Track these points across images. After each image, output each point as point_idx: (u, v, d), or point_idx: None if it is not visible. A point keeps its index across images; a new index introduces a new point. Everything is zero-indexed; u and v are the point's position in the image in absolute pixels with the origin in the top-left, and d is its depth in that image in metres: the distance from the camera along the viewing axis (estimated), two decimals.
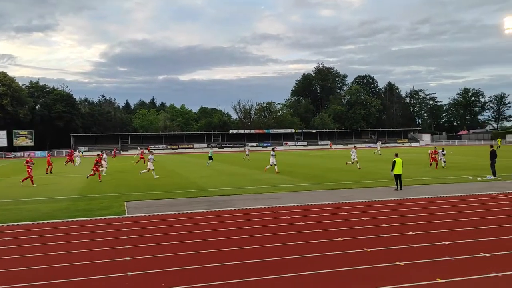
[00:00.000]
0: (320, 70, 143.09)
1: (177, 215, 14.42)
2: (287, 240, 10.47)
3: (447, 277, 7.48)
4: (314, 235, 10.97)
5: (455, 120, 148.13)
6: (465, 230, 11.15)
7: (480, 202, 15.69)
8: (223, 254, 9.39)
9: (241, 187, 21.73)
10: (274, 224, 12.52)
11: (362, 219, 12.83)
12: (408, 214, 13.56)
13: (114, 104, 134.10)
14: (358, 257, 8.88)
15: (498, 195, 17.30)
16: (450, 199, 16.66)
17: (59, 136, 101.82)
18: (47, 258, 9.36)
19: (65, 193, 21.05)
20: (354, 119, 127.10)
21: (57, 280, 7.87)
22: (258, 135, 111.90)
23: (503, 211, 13.88)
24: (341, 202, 16.34)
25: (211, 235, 11.25)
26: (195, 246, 10.10)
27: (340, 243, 10.10)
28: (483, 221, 12.23)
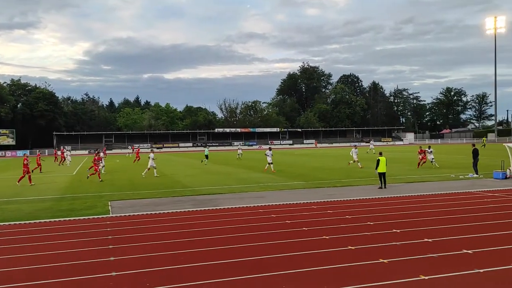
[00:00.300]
0: (306, 69, 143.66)
1: (162, 214, 14.33)
2: (273, 238, 10.49)
3: (430, 274, 7.58)
4: (300, 233, 11.01)
5: (438, 119, 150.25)
6: (448, 227, 11.32)
7: (462, 200, 15.94)
8: (208, 253, 9.36)
9: (226, 186, 21.69)
10: (259, 223, 12.53)
11: (346, 217, 12.93)
12: (392, 212, 13.70)
13: (98, 103, 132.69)
14: (342, 255, 8.94)
15: (479, 193, 17.60)
16: (433, 197, 16.89)
17: (41, 135, 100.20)
18: (30, 259, 9.21)
19: (48, 193, 20.74)
20: (339, 118, 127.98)
21: (40, 281, 7.75)
22: (244, 134, 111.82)
23: (484, 208, 14.13)
24: (326, 200, 16.43)
25: (196, 234, 11.21)
26: (180, 246, 10.04)
27: (325, 241, 10.15)
28: (465, 219, 12.43)
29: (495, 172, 22.82)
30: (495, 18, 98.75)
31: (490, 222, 11.91)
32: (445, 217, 12.75)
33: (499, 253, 8.91)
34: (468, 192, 17.96)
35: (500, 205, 14.69)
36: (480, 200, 15.92)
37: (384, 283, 7.20)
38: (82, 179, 27.45)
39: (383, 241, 9.93)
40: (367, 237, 10.39)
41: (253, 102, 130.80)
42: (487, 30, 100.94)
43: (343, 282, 7.35)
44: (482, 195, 17.11)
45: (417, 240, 9.98)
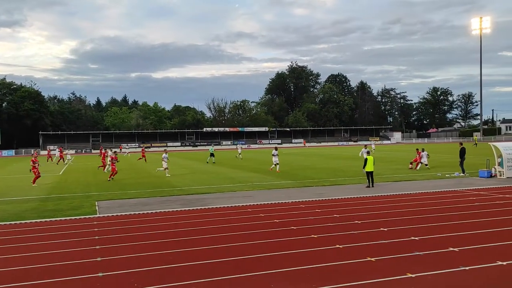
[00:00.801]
0: (294, 68, 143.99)
1: (150, 214, 14.24)
2: (261, 238, 10.49)
3: (416, 271, 7.65)
4: (288, 232, 11.03)
5: (424, 118, 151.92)
6: (434, 225, 11.44)
7: (448, 198, 16.12)
8: (196, 253, 9.33)
9: (214, 186, 21.64)
10: (248, 222, 12.53)
11: (335, 216, 12.99)
12: (379, 211, 13.81)
13: (85, 102, 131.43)
14: (331, 254, 8.98)
15: (465, 191, 17.82)
16: (420, 195, 17.05)
17: (27, 135, 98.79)
18: (15, 260, 9.08)
19: (34, 193, 20.48)
20: (327, 117, 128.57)
21: (26, 282, 7.64)
22: (232, 133, 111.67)
23: (470, 207, 14.32)
24: (314, 199, 16.49)
25: (184, 234, 11.17)
26: (168, 246, 9.99)
27: (313, 240, 10.19)
28: (451, 217, 12.57)
29: (481, 171, 23.13)
30: (481, 18, 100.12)
31: (476, 220, 12.07)
32: (432, 215, 12.88)
33: (484, 250, 9.03)
34: (454, 190, 18.18)
35: (485, 203, 14.89)
36: (466, 198, 16.12)
37: (371, 281, 7.25)
38: (66, 179, 27.15)
39: (370, 240, 9.99)
40: (354, 236, 10.46)
41: (241, 102, 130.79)
42: (473, 31, 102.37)
43: (331, 280, 7.38)
44: (468, 193, 17.33)
45: (404, 239, 10.07)
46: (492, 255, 8.54)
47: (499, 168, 22.44)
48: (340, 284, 7.16)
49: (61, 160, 46.98)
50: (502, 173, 22.16)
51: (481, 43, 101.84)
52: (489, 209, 13.75)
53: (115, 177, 26.23)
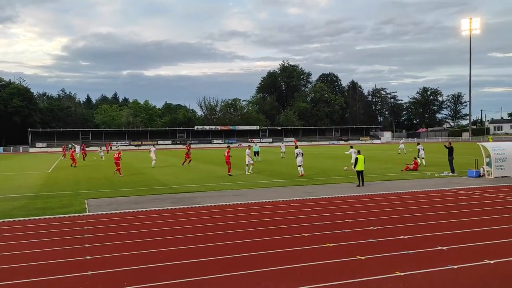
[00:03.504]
0: (285, 67, 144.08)
1: (140, 212, 14.18)
2: (252, 236, 10.50)
3: (406, 270, 7.71)
4: (279, 231, 11.05)
5: (414, 118, 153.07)
6: (423, 224, 11.53)
7: (438, 198, 16.26)
8: (187, 251, 9.31)
9: (206, 184, 21.60)
10: (239, 220, 12.53)
11: (325, 215, 13.04)
12: (369, 210, 13.89)
13: (74, 99, 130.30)
14: (321, 252, 9.02)
15: (454, 191, 17.99)
16: (409, 194, 17.18)
17: (16, 132, 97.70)
18: (4, 258, 8.99)
19: (22, 191, 20.27)
20: (318, 117, 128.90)
21: (15, 281, 7.57)
22: (224, 132, 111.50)
23: (458, 206, 14.46)
24: (305, 198, 16.53)
25: (175, 232, 11.13)
26: (158, 244, 9.95)
27: (304, 238, 10.22)
28: (440, 216, 12.68)
29: (469, 171, 23.36)
30: (470, 20, 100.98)
31: (464, 219, 12.20)
32: (421, 214, 12.98)
33: (472, 249, 9.14)
34: (443, 190, 18.34)
35: (474, 202, 15.05)
36: (454, 197, 16.28)
37: (361, 280, 7.29)
38: (56, 176, 26.92)
39: (360, 238, 10.05)
40: (344, 234, 10.51)
41: (233, 100, 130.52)
42: (463, 32, 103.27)
43: (321, 278, 7.41)
44: (456, 193, 17.49)
45: (393, 237, 10.15)
46: (480, 254, 8.63)
47: (488, 168, 22.68)
48: (330, 283, 7.20)
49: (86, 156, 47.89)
50: (490, 172, 22.40)
51: (470, 44, 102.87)
52: (477, 208, 13.90)
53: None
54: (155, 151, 35.11)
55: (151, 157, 34.04)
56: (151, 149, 35.37)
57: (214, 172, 28.66)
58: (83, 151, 49.77)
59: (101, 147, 54.60)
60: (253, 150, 39.06)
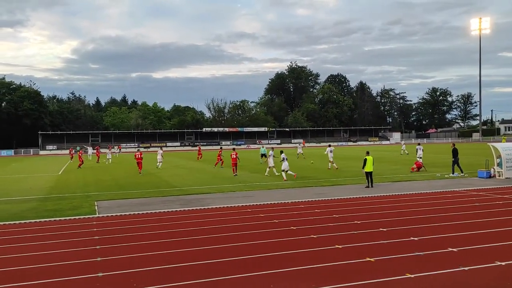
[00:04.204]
0: (293, 69, 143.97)
1: (149, 214, 14.25)
2: (260, 238, 10.50)
3: (416, 272, 7.66)
4: (288, 232, 11.04)
5: (424, 118, 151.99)
6: (433, 226, 11.45)
7: (448, 199, 16.14)
8: (196, 253, 9.33)
9: (214, 186, 21.64)
10: (247, 222, 12.53)
11: (334, 216, 13.00)
12: (378, 211, 13.82)
13: (84, 102, 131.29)
14: (330, 254, 8.99)
15: (465, 192, 17.84)
16: (419, 195, 17.06)
17: (26, 135, 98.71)
18: (15, 260, 9.08)
19: (33, 193, 20.46)
20: (326, 118, 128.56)
21: (25, 282, 7.65)
22: (232, 134, 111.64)
23: (469, 207, 14.33)
24: (314, 199, 16.50)
25: (184, 234, 11.17)
26: (168, 246, 10.00)
27: (313, 240, 10.20)
28: (450, 217, 12.59)
29: (480, 171, 23.14)
30: (480, 19, 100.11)
31: (475, 221, 12.09)
32: (431, 215, 12.89)
33: (483, 250, 9.05)
34: (453, 191, 18.19)
35: (484, 203, 14.91)
36: (465, 199, 16.14)
37: (371, 282, 7.26)
38: (67, 178, 27.14)
39: (370, 240, 10.00)
40: (354, 236, 10.47)
41: (241, 102, 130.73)
42: (472, 31, 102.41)
43: (331, 280, 7.39)
44: (467, 194, 17.34)
45: (404, 239, 10.08)
46: (491, 256, 8.55)
47: (498, 169, 22.46)
48: (340, 284, 7.17)
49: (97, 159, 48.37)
50: (501, 173, 22.18)
51: (480, 43, 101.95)
52: (488, 209, 13.77)
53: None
54: (162, 153, 36.30)
55: (158, 159, 35.13)
56: (159, 151, 36.55)
57: (222, 173, 28.68)
58: (97, 153, 50.04)
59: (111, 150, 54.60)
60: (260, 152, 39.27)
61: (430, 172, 25.98)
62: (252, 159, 38.48)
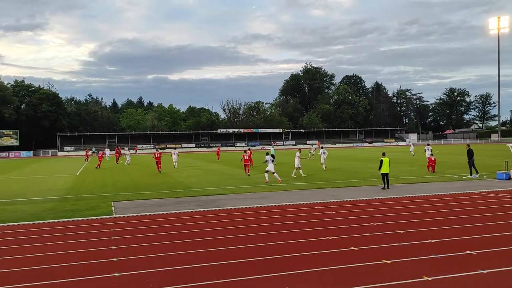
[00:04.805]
0: (308, 69, 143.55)
1: (165, 215, 14.35)
2: (275, 239, 10.48)
3: (433, 274, 7.57)
4: (303, 234, 11.00)
5: (441, 119, 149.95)
6: (451, 228, 11.29)
7: (466, 201, 15.89)
8: (211, 254, 9.37)
9: (229, 187, 21.69)
10: (262, 223, 12.53)
11: (350, 218, 12.91)
12: (395, 213, 13.68)
13: (101, 104, 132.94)
14: (345, 256, 8.93)
15: (483, 193, 17.54)
16: (436, 197, 16.84)
17: (45, 136, 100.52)
18: (33, 260, 9.24)
19: (51, 194, 20.80)
20: (342, 119, 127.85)
21: (43, 282, 7.77)
22: (247, 135, 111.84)
23: (487, 209, 14.08)
24: (329, 201, 16.41)
25: (200, 235, 11.22)
26: (183, 246, 10.06)
27: (328, 242, 10.15)
28: (468, 219, 12.39)
29: (499, 173, 22.72)
30: (498, 18, 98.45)
31: (494, 223, 11.87)
32: (448, 217, 12.72)
33: (502, 253, 8.88)
34: (471, 192, 17.90)
35: (504, 205, 14.64)
36: (484, 200, 15.87)
37: (387, 284, 7.19)
38: (83, 179, 27.50)
39: (386, 242, 9.91)
40: (370, 238, 10.38)
41: (256, 103, 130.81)
42: (491, 31, 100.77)
43: (346, 283, 7.34)
44: (486, 195, 17.05)
45: (421, 241, 9.96)
46: (511, 258, 8.39)
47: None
48: (356, 287, 7.12)
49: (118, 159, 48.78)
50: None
51: (499, 43, 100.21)
52: (507, 211, 13.51)
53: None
54: (177, 154, 37.66)
55: (174, 159, 36.25)
56: (173, 151, 37.72)
57: (237, 174, 28.73)
58: (116, 154, 50.52)
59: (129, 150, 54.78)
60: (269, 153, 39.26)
61: (447, 173, 25.63)
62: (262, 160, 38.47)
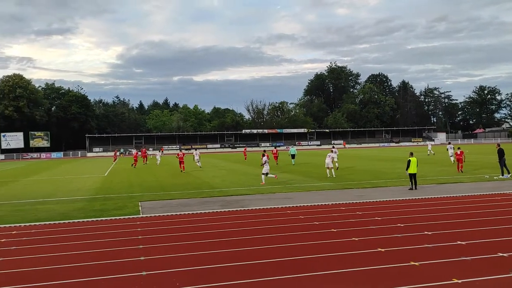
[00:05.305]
0: (333, 69, 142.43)
1: (191, 215, 14.48)
2: (300, 240, 10.43)
3: (463, 277, 7.38)
4: (328, 235, 10.91)
5: (470, 118, 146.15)
6: (482, 229, 10.98)
7: (497, 201, 15.42)
8: (237, 254, 9.40)
9: (254, 187, 21.72)
10: (287, 224, 12.49)
11: (376, 219, 12.73)
12: (423, 214, 13.40)
13: (128, 105, 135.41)
14: (372, 257, 8.80)
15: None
16: (466, 198, 16.42)
17: (74, 137, 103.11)
18: (63, 258, 9.47)
19: (81, 194, 21.29)
20: (367, 118, 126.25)
21: (72, 280, 7.96)
22: (271, 135, 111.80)
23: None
24: (355, 201, 16.23)
25: (225, 235, 11.27)
26: (209, 246, 10.12)
27: (354, 243, 10.03)
28: (499, 221, 12.03)
29: None
30: None
31: None
32: (479, 219, 12.38)
33: None
34: (502, 193, 17.37)
35: None
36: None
37: (415, 286, 7.05)
38: (111, 180, 28.03)
39: (414, 243, 9.72)
40: (397, 239, 10.20)
41: (280, 103, 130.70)
42: None
43: (373, 284, 7.23)
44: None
45: (450, 243, 9.73)
46: None
47: None
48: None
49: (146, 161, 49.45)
50: None
51: None
52: None
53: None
54: (199, 154, 38.77)
55: (196, 159, 37.29)
56: (194, 152, 38.63)
57: None
58: (143, 155, 51.17)
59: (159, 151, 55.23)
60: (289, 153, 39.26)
61: (477, 173, 24.95)
62: (287, 160, 38.41)
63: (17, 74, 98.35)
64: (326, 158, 25.93)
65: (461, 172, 25.48)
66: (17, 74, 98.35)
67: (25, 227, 13.07)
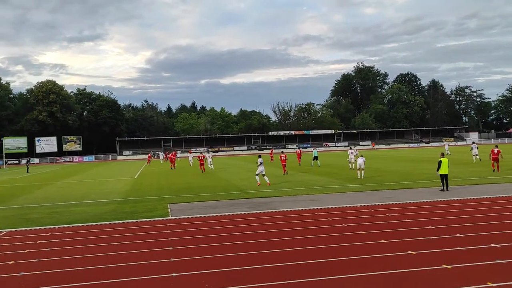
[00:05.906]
0: (360, 69, 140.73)
1: (219, 217, 14.60)
2: (329, 242, 10.38)
3: (498, 281, 7.18)
4: (357, 237, 10.80)
5: (504, 117, 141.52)
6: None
7: None
8: (266, 256, 9.42)
9: (281, 189, 21.70)
10: (316, 226, 12.44)
11: (406, 221, 12.52)
12: (455, 216, 13.10)
13: (156, 109, 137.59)
14: (403, 260, 8.67)
15: None
16: (501, 199, 15.94)
17: (105, 141, 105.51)
18: (94, 259, 9.72)
19: (112, 196, 21.78)
20: (396, 119, 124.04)
21: (103, 281, 8.16)
22: (298, 136, 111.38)
23: None
24: (384, 203, 16.00)
25: (253, 237, 11.32)
26: (237, 248, 10.19)
27: (384, 245, 9.89)
28: None
29: None
30: None
31: None
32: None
33: None
34: None
35: None
36: None
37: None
38: (143, 182, 28.52)
39: (446, 246, 9.51)
40: (428, 242, 10.01)
41: (306, 104, 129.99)
42: None
43: (404, 287, 7.12)
44: None
45: (483, 245, 9.47)
46: None
47: None
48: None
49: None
50: None
51: None
52: None
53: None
54: (211, 156, 40.96)
55: (209, 162, 39.00)
56: (207, 155, 40.62)
57: (289, 177, 28.67)
58: (171, 158, 51.80)
59: (191, 155, 55.73)
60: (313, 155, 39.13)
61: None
62: (311, 162, 38.18)
63: (50, 81, 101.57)
64: (358, 159, 25.63)
65: (497, 172, 24.74)
66: (50, 81, 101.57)
67: (60, 229, 13.48)
